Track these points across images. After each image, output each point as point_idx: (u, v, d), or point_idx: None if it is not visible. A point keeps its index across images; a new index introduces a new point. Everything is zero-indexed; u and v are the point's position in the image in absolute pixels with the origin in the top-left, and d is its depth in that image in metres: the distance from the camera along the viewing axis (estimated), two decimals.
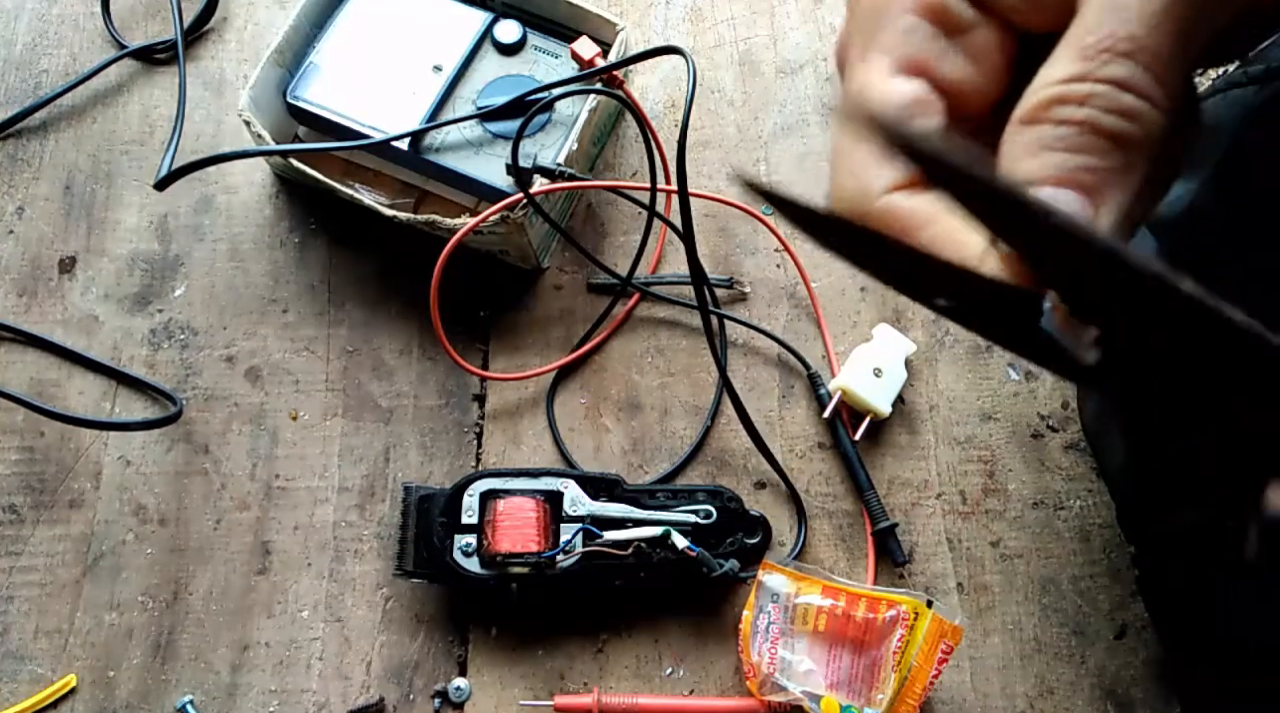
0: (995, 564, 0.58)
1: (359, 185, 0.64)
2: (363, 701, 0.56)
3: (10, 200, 0.67)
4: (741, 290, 0.64)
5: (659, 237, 0.65)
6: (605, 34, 0.63)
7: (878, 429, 0.61)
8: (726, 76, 0.70)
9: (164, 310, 0.65)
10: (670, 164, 0.63)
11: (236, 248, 0.66)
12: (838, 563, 0.59)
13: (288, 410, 0.62)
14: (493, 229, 0.58)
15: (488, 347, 0.64)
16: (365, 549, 0.59)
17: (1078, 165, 0.22)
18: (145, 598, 0.58)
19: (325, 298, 0.65)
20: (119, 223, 0.67)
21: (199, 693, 0.56)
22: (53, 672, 0.57)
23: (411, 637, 0.58)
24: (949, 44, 0.25)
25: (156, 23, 0.72)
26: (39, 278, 0.65)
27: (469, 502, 0.56)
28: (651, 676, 0.57)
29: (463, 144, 0.61)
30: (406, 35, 0.64)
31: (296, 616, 0.58)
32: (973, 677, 0.56)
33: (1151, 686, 0.56)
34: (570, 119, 0.61)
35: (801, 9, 0.72)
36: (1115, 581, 0.58)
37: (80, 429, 0.61)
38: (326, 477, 0.61)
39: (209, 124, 0.69)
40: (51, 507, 0.60)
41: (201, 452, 0.61)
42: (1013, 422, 0.61)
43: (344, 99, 0.62)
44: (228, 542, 0.59)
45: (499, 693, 0.56)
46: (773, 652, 0.54)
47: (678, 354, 0.63)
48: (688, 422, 0.62)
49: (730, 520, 0.57)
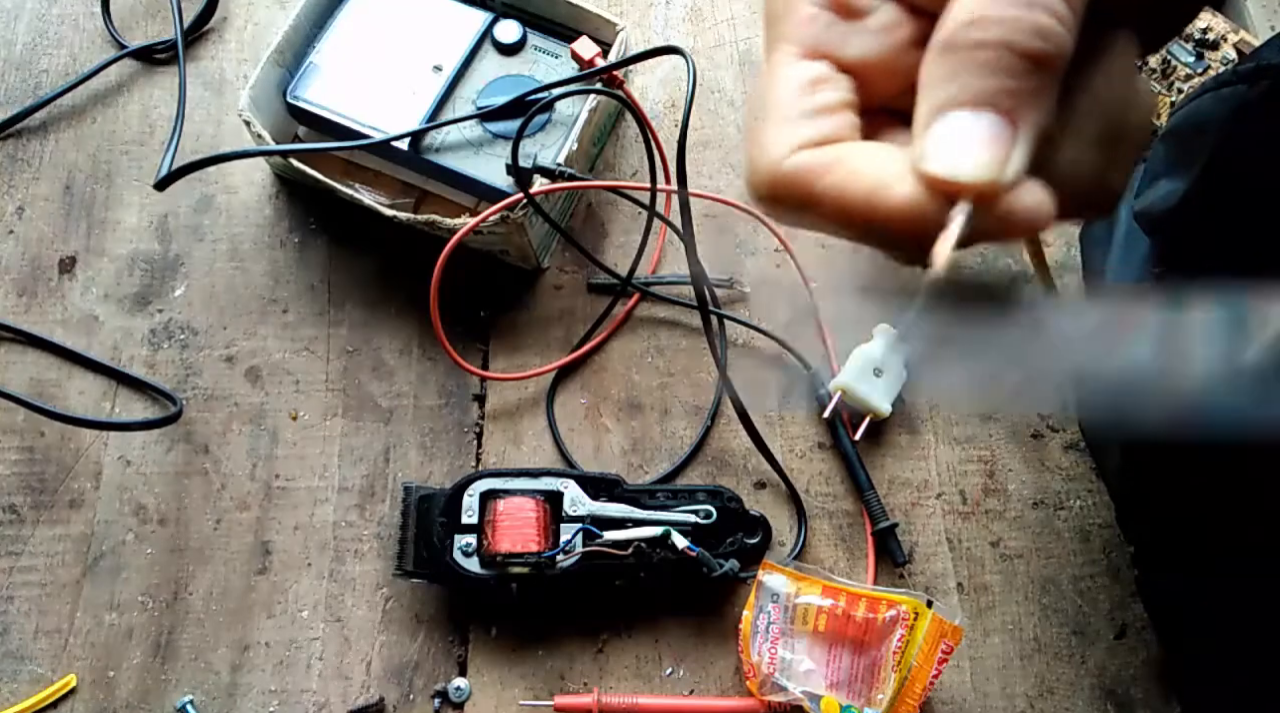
0: (995, 564, 0.58)
1: (359, 185, 0.64)
2: (363, 701, 0.56)
3: (10, 200, 0.67)
4: (741, 290, 0.64)
5: (659, 237, 0.65)
6: (605, 34, 0.63)
7: (878, 429, 0.61)
8: (726, 76, 0.70)
9: (164, 310, 0.65)
10: (670, 164, 0.63)
11: (236, 248, 0.66)
12: (838, 563, 0.59)
13: (288, 410, 0.62)
14: (493, 229, 0.58)
15: (488, 347, 0.64)
16: (365, 549, 0.59)
17: (996, 88, 0.22)
18: (145, 598, 0.58)
19: (325, 298, 0.65)
20: (119, 223, 0.67)
21: (199, 693, 0.56)
22: (53, 672, 0.57)
23: (411, 637, 0.58)
24: (850, 26, 0.26)
25: (156, 23, 0.72)
26: (39, 278, 0.65)
27: (469, 502, 0.56)
28: (651, 676, 0.57)
29: (463, 144, 0.61)
30: (406, 35, 0.64)
31: (296, 616, 0.58)
32: (973, 677, 0.56)
33: (1151, 686, 0.56)
34: (570, 119, 0.61)
35: None
36: (1115, 581, 0.58)
37: (80, 429, 0.61)
38: (326, 477, 0.61)
39: (209, 124, 0.69)
40: (51, 507, 0.60)
41: (201, 452, 0.61)
42: (1013, 422, 0.61)
43: (344, 99, 0.62)
44: (228, 542, 0.59)
45: (499, 693, 0.56)
46: (773, 652, 0.54)
47: (678, 354, 0.63)
48: (688, 422, 0.62)
49: (730, 520, 0.57)
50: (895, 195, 0.23)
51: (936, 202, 0.23)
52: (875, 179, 0.24)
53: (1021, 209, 0.23)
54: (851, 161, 0.24)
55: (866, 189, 0.24)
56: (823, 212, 0.24)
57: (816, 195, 0.24)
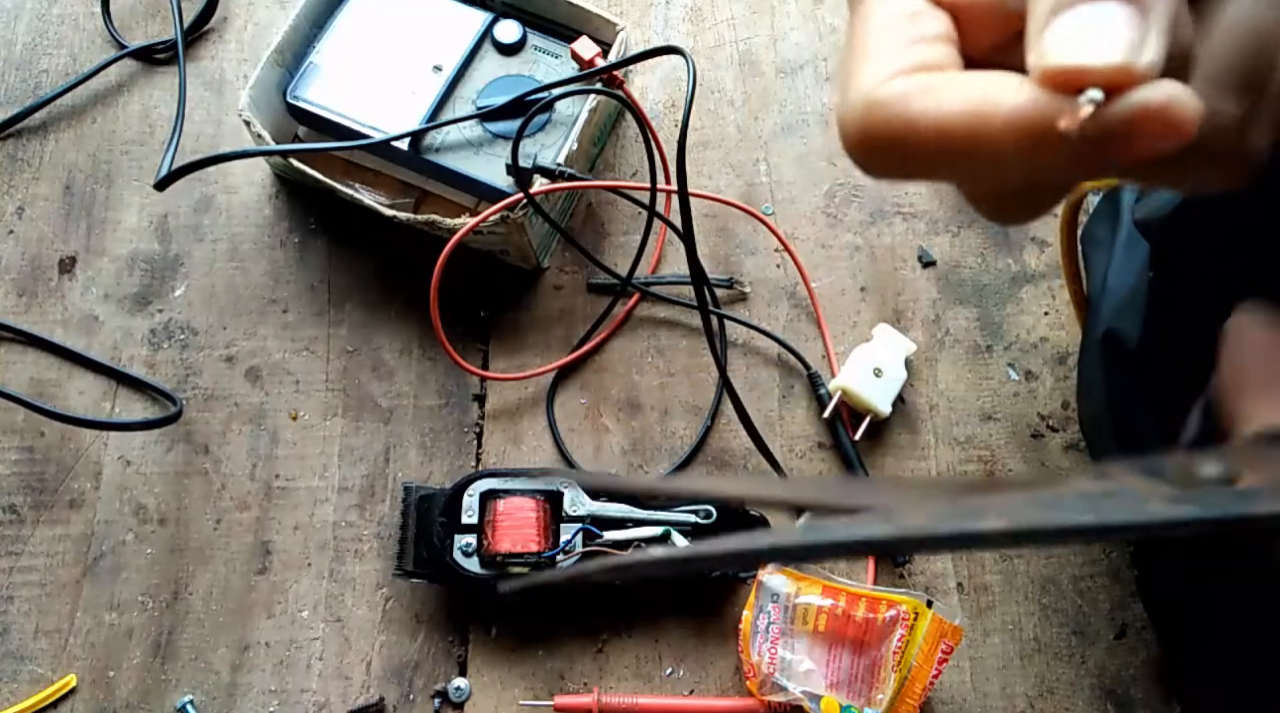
0: (995, 564, 0.58)
1: (359, 185, 0.64)
2: (363, 701, 0.56)
3: (10, 200, 0.67)
4: (741, 290, 0.64)
5: (659, 237, 0.65)
6: (605, 34, 0.63)
7: (878, 429, 0.61)
8: (726, 76, 0.70)
9: (164, 310, 0.65)
10: (670, 164, 0.63)
11: (236, 248, 0.66)
12: (838, 563, 0.59)
13: (288, 410, 0.62)
14: (493, 229, 0.58)
15: (488, 347, 0.64)
16: (365, 549, 0.59)
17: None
18: (145, 598, 0.58)
19: (325, 298, 0.65)
20: (119, 223, 0.67)
21: (199, 693, 0.56)
22: (53, 672, 0.57)
23: (411, 637, 0.58)
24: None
25: (156, 23, 0.72)
26: (39, 278, 0.65)
27: (469, 502, 0.56)
28: (651, 676, 0.57)
29: (463, 144, 0.61)
30: (406, 35, 0.64)
31: (296, 616, 0.58)
32: (973, 677, 0.56)
33: (1151, 686, 0.56)
34: (570, 119, 0.61)
35: (801, 9, 0.72)
36: (1115, 581, 0.58)
37: (80, 429, 0.61)
38: (326, 477, 0.61)
39: (209, 124, 0.69)
40: (51, 507, 0.60)
41: (201, 452, 0.61)
42: (1013, 422, 0.61)
43: (344, 99, 0.62)
44: (228, 542, 0.59)
45: (499, 693, 0.56)
46: (773, 652, 0.54)
47: (678, 354, 0.63)
48: (688, 422, 0.62)
49: (730, 520, 0.57)
50: (1005, 104, 0.21)
51: (1056, 101, 0.20)
52: (981, 93, 0.21)
53: (1159, 104, 0.19)
54: (953, 82, 0.22)
55: (971, 103, 0.21)
56: (921, 138, 0.21)
57: (914, 119, 0.21)
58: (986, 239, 0.65)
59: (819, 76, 0.70)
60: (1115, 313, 0.50)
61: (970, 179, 0.23)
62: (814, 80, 0.70)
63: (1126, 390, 0.50)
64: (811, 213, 0.66)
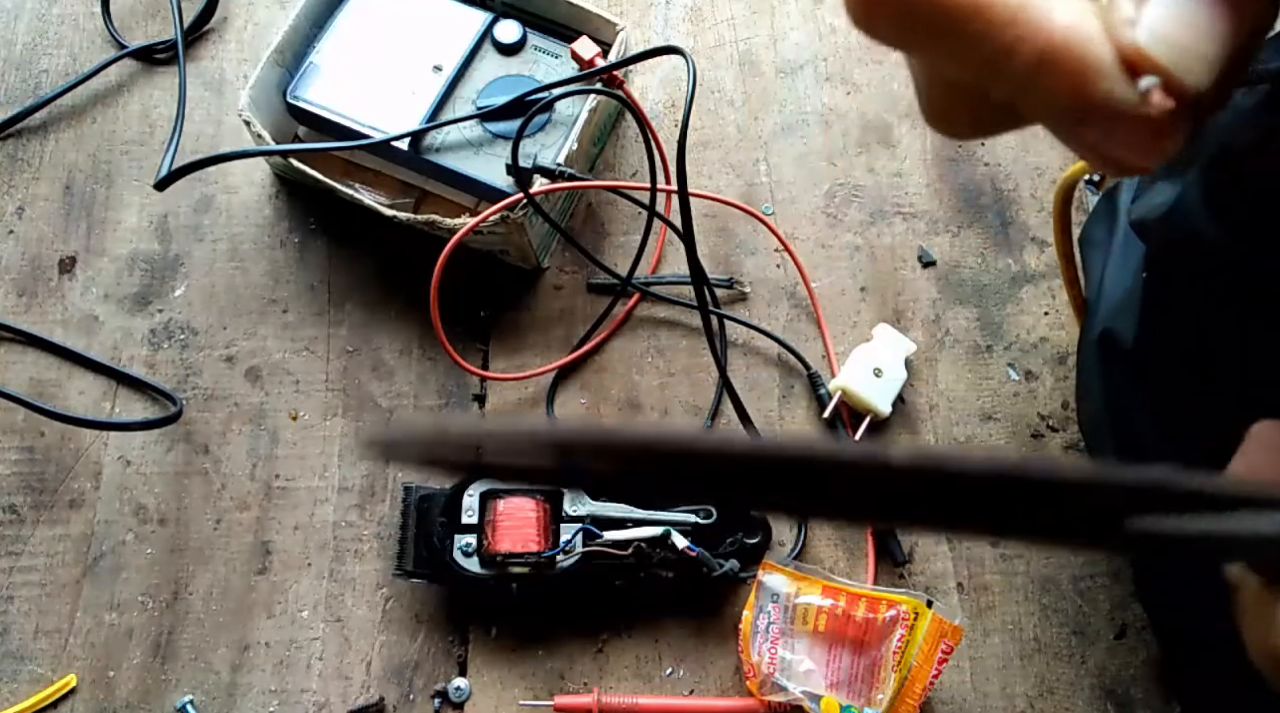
0: (995, 564, 0.58)
1: (359, 185, 0.64)
2: (363, 701, 0.56)
3: (10, 200, 0.67)
4: (741, 290, 0.64)
5: (659, 237, 0.66)
6: (605, 34, 0.63)
7: (878, 429, 0.61)
8: (726, 76, 0.70)
9: (164, 310, 0.65)
10: (670, 164, 0.63)
11: (236, 248, 0.66)
12: (838, 563, 0.59)
13: (288, 410, 0.62)
14: (493, 229, 0.58)
15: (488, 347, 0.64)
16: (365, 549, 0.59)
17: None
18: (145, 598, 0.58)
19: (325, 298, 0.65)
20: (119, 223, 0.67)
21: (199, 693, 0.56)
22: (53, 672, 0.57)
23: (411, 637, 0.58)
24: None
25: (156, 23, 0.72)
26: (39, 278, 0.65)
27: (469, 502, 0.56)
28: (651, 676, 0.57)
29: (463, 144, 0.61)
30: (406, 35, 0.64)
31: (296, 616, 0.58)
32: (973, 677, 0.56)
33: (1151, 686, 0.56)
34: (570, 119, 0.61)
35: (801, 9, 0.72)
36: (1115, 581, 0.58)
37: (80, 429, 0.61)
38: (326, 477, 0.61)
39: (209, 124, 0.69)
40: (51, 507, 0.60)
41: (201, 452, 0.61)
42: (1013, 422, 0.61)
43: (344, 99, 0.62)
44: (228, 542, 0.59)
45: (499, 693, 0.56)
46: (773, 652, 0.54)
47: (678, 354, 0.63)
48: (688, 422, 0.62)
49: (730, 520, 0.57)
50: (1059, 21, 0.19)
51: (1112, 64, 0.19)
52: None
53: (1178, 133, 0.19)
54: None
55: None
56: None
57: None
58: (986, 239, 0.65)
59: (819, 76, 0.70)
60: (1112, 314, 0.50)
61: (958, 63, 0.20)
62: (814, 80, 0.70)
63: (1124, 391, 0.50)
64: (811, 213, 0.66)
